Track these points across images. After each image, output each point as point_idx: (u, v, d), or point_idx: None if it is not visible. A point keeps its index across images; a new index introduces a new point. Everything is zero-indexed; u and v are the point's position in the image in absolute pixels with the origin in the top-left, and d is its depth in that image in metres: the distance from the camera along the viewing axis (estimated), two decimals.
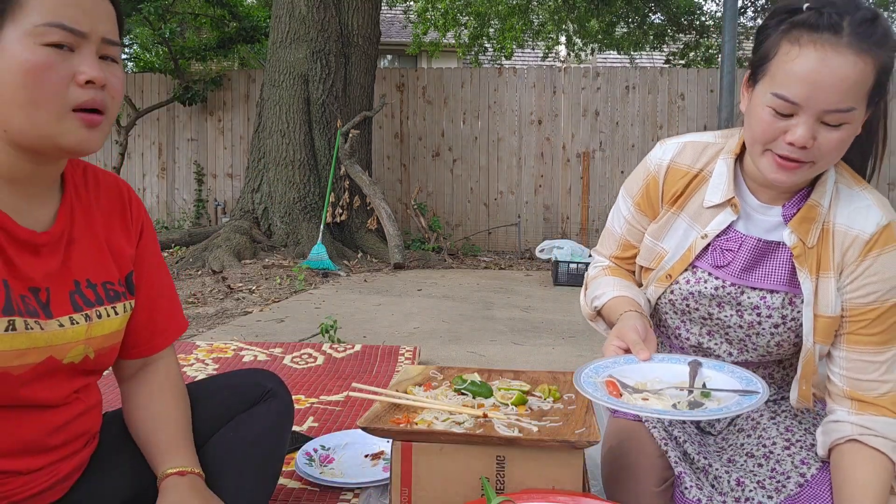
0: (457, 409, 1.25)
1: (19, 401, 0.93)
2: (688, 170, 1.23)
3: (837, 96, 0.98)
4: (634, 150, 7.88)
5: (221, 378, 1.29)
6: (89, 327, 0.99)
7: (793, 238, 1.13)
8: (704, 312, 1.23)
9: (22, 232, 0.93)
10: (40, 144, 0.90)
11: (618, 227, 1.36)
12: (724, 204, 1.18)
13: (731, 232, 1.19)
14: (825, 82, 0.97)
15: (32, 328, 0.91)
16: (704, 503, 1.15)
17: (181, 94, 7.96)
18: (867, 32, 0.98)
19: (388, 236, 6.23)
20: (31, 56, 0.85)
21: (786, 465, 1.18)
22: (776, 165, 1.05)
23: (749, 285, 1.17)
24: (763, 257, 1.17)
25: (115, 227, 1.08)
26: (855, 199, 1.12)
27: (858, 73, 0.98)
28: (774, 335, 1.18)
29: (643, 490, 1.20)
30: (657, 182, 1.26)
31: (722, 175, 1.18)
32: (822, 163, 1.05)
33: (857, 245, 1.10)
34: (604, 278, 1.34)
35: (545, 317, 4.04)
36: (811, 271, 1.12)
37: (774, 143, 1.04)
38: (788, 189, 1.14)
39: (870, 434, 1.08)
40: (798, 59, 0.99)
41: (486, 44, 11.24)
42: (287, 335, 3.37)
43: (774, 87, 1.02)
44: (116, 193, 1.10)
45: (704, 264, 1.21)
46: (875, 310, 1.10)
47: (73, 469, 1.05)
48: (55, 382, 0.97)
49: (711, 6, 13.14)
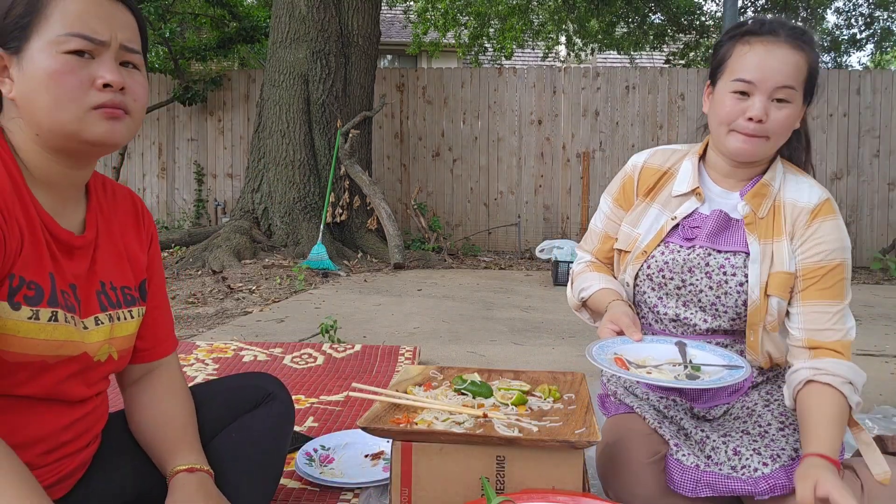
0: (457, 409, 1.25)
1: (56, 395, 0.98)
2: (659, 168, 1.48)
3: (782, 76, 1.27)
4: (634, 150, 7.86)
5: (222, 381, 1.30)
6: (112, 328, 1.05)
7: (746, 208, 1.37)
8: (678, 281, 1.39)
9: (63, 233, 0.99)
10: (67, 143, 0.96)
11: (599, 224, 1.58)
12: (689, 193, 1.42)
13: (696, 215, 1.41)
14: (772, 65, 1.27)
15: (70, 322, 0.96)
16: (702, 468, 1.26)
17: (181, 94, 7.96)
18: (799, 35, 1.30)
19: (388, 236, 6.23)
20: (52, 62, 0.92)
21: (780, 444, 1.28)
22: (739, 138, 1.31)
23: (715, 248, 1.37)
24: (725, 228, 1.39)
25: (131, 236, 1.14)
26: (800, 182, 1.38)
27: (796, 61, 1.28)
28: (741, 293, 1.35)
29: (635, 462, 1.30)
30: (633, 179, 1.50)
31: (688, 170, 1.43)
32: (774, 138, 1.31)
33: (804, 214, 1.34)
34: (588, 273, 1.54)
35: (545, 317, 4.04)
36: (760, 236, 1.35)
37: (736, 123, 1.30)
38: (747, 175, 1.39)
39: (822, 374, 1.26)
40: (750, 52, 1.30)
41: (486, 44, 11.24)
42: (287, 335, 3.37)
43: (734, 76, 1.30)
44: (131, 205, 1.17)
45: (676, 239, 1.41)
46: (823, 268, 1.32)
47: (77, 467, 1.06)
48: (88, 380, 1.03)
49: (711, 6, 13.14)
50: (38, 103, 0.93)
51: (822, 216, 1.33)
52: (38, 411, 0.97)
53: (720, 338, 1.39)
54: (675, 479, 1.27)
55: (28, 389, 0.94)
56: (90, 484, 1.09)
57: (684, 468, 1.27)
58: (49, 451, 0.99)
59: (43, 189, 0.98)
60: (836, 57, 11.01)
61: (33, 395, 0.95)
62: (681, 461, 1.28)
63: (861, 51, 12.12)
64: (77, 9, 0.94)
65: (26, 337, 0.91)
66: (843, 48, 10.92)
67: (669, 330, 1.43)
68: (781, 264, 1.33)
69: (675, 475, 1.27)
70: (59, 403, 0.99)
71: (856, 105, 7.62)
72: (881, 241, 7.55)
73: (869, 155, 7.63)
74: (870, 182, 7.63)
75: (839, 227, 1.33)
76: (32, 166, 0.97)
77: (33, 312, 0.91)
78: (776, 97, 1.27)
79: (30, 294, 0.92)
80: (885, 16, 10.58)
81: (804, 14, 10.63)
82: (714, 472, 1.25)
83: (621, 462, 1.33)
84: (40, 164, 0.98)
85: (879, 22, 10.68)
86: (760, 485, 1.21)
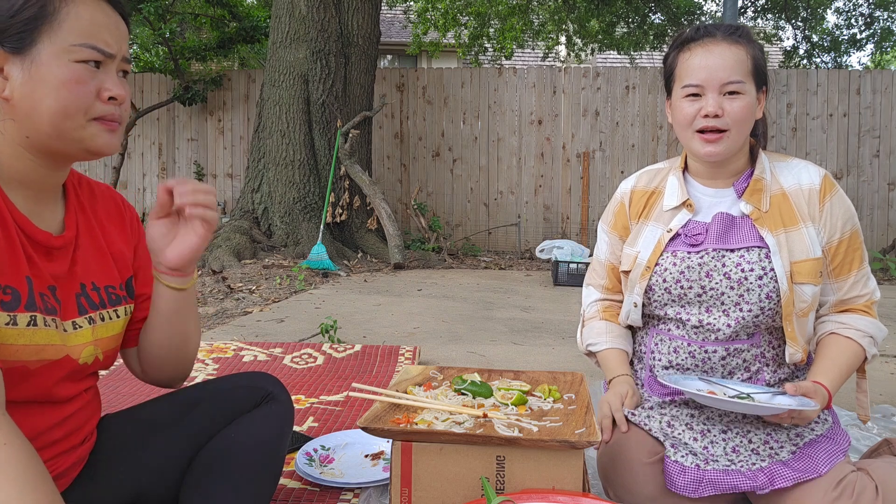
0: (457, 409, 1.25)
1: (43, 397, 0.97)
2: (645, 189, 1.51)
3: (726, 72, 1.31)
4: (634, 150, 7.88)
5: (222, 381, 1.29)
6: (94, 329, 1.03)
7: (749, 207, 1.38)
8: (698, 288, 1.37)
9: (40, 234, 0.98)
10: (65, 148, 0.97)
11: (601, 255, 1.61)
12: (680, 206, 1.43)
13: (693, 224, 1.42)
14: (715, 64, 1.32)
15: (50, 325, 0.95)
16: (703, 467, 1.28)
17: (181, 94, 7.96)
18: (734, 32, 1.35)
19: (388, 236, 6.23)
20: (66, 71, 0.93)
21: (781, 436, 1.31)
22: (704, 141, 1.34)
23: (727, 248, 1.37)
24: (731, 227, 1.39)
25: (114, 234, 1.13)
26: (791, 166, 1.41)
27: (736, 55, 1.32)
28: (762, 287, 1.34)
29: (635, 462, 1.31)
30: (624, 206, 1.54)
31: (674, 185, 1.46)
32: (735, 129, 1.33)
33: (814, 195, 1.37)
34: (597, 323, 1.57)
35: (545, 317, 4.04)
36: (771, 228, 1.36)
37: (696, 122, 1.34)
38: (730, 170, 1.41)
39: (845, 327, 1.35)
40: (692, 57, 1.35)
41: (486, 44, 11.23)
42: (287, 335, 3.37)
43: (683, 82, 1.35)
44: (112, 202, 1.16)
45: (681, 246, 1.40)
46: (843, 241, 1.36)
47: (72, 465, 1.06)
48: (73, 382, 1.02)
49: (711, 6, 13.13)
50: (43, 108, 0.93)
51: (830, 194, 1.37)
52: (26, 412, 0.96)
53: (739, 343, 1.37)
54: (677, 482, 1.27)
55: (13, 395, 0.92)
56: (88, 484, 1.09)
57: (685, 469, 1.27)
58: (41, 450, 0.98)
59: (18, 190, 0.97)
60: (836, 57, 11.01)
61: (19, 400, 0.94)
62: (680, 462, 1.28)
63: (861, 51, 12.13)
64: (90, 18, 0.95)
65: (4, 343, 0.89)
66: (843, 48, 10.92)
67: (691, 337, 1.40)
68: (804, 252, 1.34)
69: (676, 478, 1.27)
70: (47, 404, 0.99)
71: (856, 105, 7.63)
72: (881, 241, 7.55)
73: (869, 155, 7.63)
74: (870, 182, 7.63)
75: (844, 198, 1.39)
76: (7, 167, 0.96)
77: (10, 318, 0.90)
78: (726, 91, 1.32)
79: (6, 299, 0.90)
80: (885, 16, 10.58)
81: (804, 14, 10.63)
82: (714, 469, 1.26)
83: (621, 462, 1.33)
84: (19, 165, 0.97)
85: (879, 22, 10.68)
86: (759, 477, 1.24)
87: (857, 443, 1.90)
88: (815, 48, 10.92)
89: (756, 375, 1.38)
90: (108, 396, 2.18)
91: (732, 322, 1.35)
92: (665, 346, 1.42)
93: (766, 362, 1.39)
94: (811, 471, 1.23)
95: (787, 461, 1.26)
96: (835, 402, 1.37)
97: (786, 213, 1.37)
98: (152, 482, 1.13)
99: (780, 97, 7.71)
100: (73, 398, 1.04)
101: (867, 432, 2.00)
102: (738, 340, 1.37)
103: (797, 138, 7.71)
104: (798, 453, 1.28)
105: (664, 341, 1.43)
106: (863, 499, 1.19)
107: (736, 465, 1.27)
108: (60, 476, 1.04)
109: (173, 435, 1.17)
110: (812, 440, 1.30)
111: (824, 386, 1.27)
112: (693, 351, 1.38)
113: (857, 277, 1.38)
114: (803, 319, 1.36)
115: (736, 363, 1.37)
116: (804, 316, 1.36)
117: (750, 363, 1.38)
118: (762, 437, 1.31)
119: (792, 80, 7.74)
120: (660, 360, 1.43)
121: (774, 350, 1.40)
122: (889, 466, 1.28)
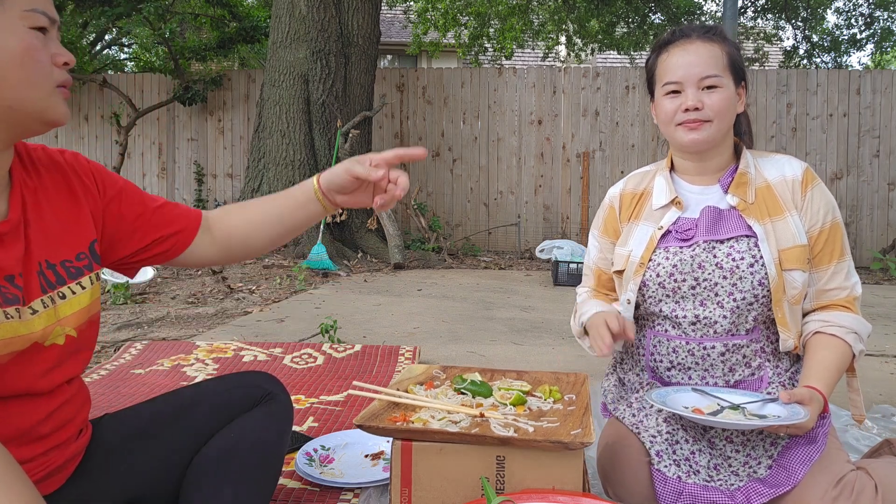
0: (454, 408, 1.25)
1: (26, 391, 0.94)
2: (634, 191, 1.55)
3: (701, 67, 1.37)
4: (634, 150, 7.88)
5: (221, 380, 1.29)
6: (56, 310, 0.99)
7: (735, 199, 1.42)
8: (691, 280, 1.39)
9: None
10: (25, 120, 0.93)
11: (591, 261, 1.64)
12: (669, 204, 1.47)
13: (682, 220, 1.45)
14: (691, 61, 1.38)
15: (12, 317, 0.91)
16: (683, 479, 1.28)
17: (181, 94, 7.96)
18: (709, 31, 1.41)
19: (388, 236, 6.23)
20: (25, 38, 0.89)
21: (758, 451, 1.32)
22: (686, 129, 1.39)
23: (716, 239, 1.40)
24: (719, 219, 1.42)
25: (63, 201, 1.06)
26: (774, 160, 1.46)
27: (711, 51, 1.38)
28: (754, 274, 1.36)
29: (635, 462, 1.31)
30: (614, 210, 1.57)
31: (662, 185, 1.49)
32: (717, 120, 1.38)
33: (796, 185, 1.41)
34: (588, 301, 1.59)
35: (545, 317, 4.04)
36: (758, 218, 1.39)
37: (677, 117, 1.40)
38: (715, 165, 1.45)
39: (828, 325, 1.36)
40: (669, 57, 1.41)
41: (486, 44, 11.23)
42: (287, 335, 3.37)
43: (663, 81, 1.41)
44: (54, 166, 1.08)
45: (673, 242, 1.43)
46: (824, 232, 1.39)
47: (68, 459, 1.05)
48: (53, 372, 0.99)
49: (711, 6, 13.12)
50: (8, 80, 0.89)
51: (811, 185, 1.41)
52: (9, 408, 0.94)
53: (738, 339, 1.38)
54: (658, 491, 1.27)
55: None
56: (85, 482, 1.08)
57: (666, 479, 1.27)
58: (30, 446, 0.97)
59: None
60: (836, 57, 11.01)
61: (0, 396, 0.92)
62: (662, 472, 1.28)
63: (861, 51, 12.13)
64: None
65: None
66: (843, 48, 10.92)
67: (688, 335, 1.40)
68: (790, 239, 1.37)
69: (658, 486, 1.27)
70: (28, 398, 0.96)
71: (856, 105, 7.62)
72: (881, 241, 7.55)
73: (869, 155, 7.63)
74: (870, 182, 7.63)
75: (825, 190, 1.42)
76: None
77: None
78: (705, 86, 1.37)
79: None
80: (885, 16, 10.58)
81: (804, 14, 10.63)
82: (695, 482, 1.26)
83: (621, 462, 1.33)
84: None
85: (879, 22, 10.68)
86: (737, 496, 1.25)
87: (857, 443, 1.90)
88: (815, 48, 10.93)
89: (758, 371, 1.38)
90: (109, 396, 2.17)
91: (728, 313, 1.36)
92: (664, 348, 1.42)
93: (767, 357, 1.40)
94: (786, 482, 1.24)
95: (763, 478, 1.27)
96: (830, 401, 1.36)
97: (771, 203, 1.40)
98: (152, 482, 1.12)
99: (780, 97, 7.71)
100: (54, 390, 1.00)
101: (867, 432, 2.00)
102: (736, 336, 1.38)
103: (797, 138, 7.71)
104: (774, 466, 1.29)
105: (662, 342, 1.43)
106: (862, 498, 1.19)
107: (715, 483, 1.27)
108: (55, 472, 1.02)
109: (173, 435, 1.17)
110: (789, 445, 1.29)
111: (818, 390, 1.27)
112: (692, 349, 1.38)
113: (837, 269, 1.39)
114: (796, 307, 1.38)
115: (736, 359, 1.38)
116: (797, 304, 1.38)
117: (750, 358, 1.38)
118: (742, 458, 1.32)
119: (792, 80, 7.74)
120: (661, 361, 1.43)
121: (774, 344, 1.40)
122: (889, 466, 1.28)
